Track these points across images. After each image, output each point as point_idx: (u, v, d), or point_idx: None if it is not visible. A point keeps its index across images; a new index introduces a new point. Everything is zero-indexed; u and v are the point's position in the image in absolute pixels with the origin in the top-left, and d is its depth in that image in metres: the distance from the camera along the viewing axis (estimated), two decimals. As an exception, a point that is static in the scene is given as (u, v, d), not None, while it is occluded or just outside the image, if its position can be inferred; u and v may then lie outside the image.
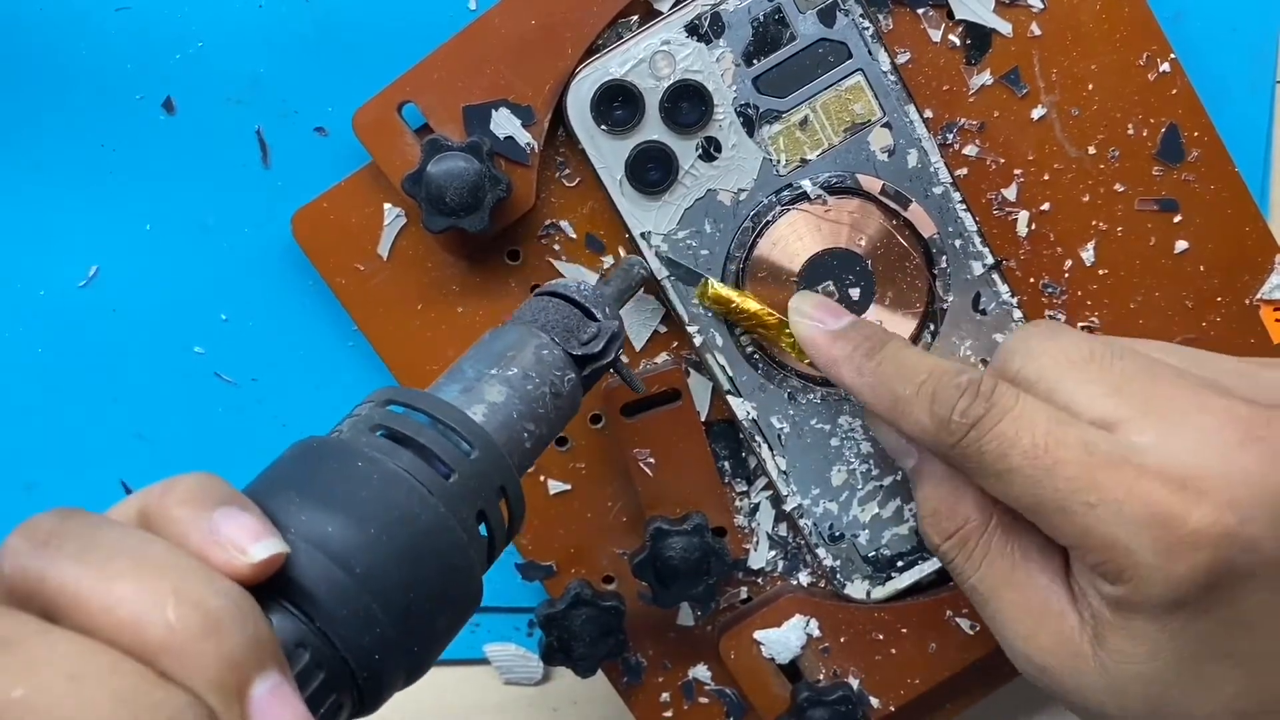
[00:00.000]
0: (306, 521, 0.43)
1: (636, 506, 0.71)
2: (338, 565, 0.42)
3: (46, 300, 0.72)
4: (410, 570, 0.44)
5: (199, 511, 0.41)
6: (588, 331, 0.57)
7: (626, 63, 0.65)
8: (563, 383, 0.54)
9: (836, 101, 0.66)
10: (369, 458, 0.45)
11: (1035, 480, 0.55)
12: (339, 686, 0.43)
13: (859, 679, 0.72)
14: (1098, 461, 0.54)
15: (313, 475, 0.45)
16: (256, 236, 0.72)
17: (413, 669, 0.45)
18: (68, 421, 0.74)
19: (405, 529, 0.44)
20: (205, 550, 0.40)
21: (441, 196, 0.64)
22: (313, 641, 0.42)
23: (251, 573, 0.40)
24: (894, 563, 0.72)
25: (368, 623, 0.42)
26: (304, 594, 0.42)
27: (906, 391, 0.60)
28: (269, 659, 0.39)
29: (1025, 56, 0.68)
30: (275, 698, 0.39)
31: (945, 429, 0.58)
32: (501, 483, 0.49)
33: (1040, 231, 0.69)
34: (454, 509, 0.46)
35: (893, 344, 0.63)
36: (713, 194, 0.67)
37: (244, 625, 0.38)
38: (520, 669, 0.78)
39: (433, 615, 0.45)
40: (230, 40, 0.70)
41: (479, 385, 0.52)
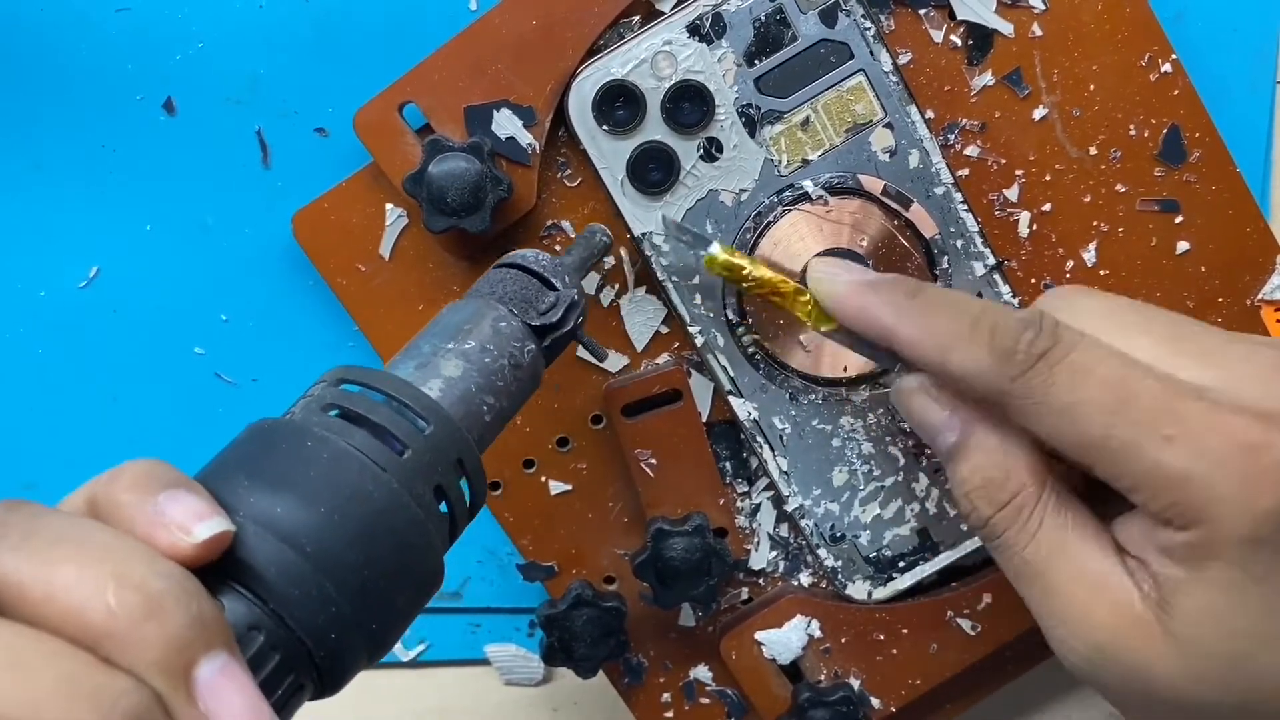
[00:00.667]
0: (255, 503, 0.43)
1: (638, 507, 0.71)
2: (288, 545, 0.42)
3: (47, 301, 0.72)
4: (364, 548, 0.44)
5: (144, 495, 0.41)
6: (546, 301, 0.56)
7: (628, 63, 0.65)
8: (522, 354, 0.54)
9: (838, 102, 0.66)
10: (319, 437, 0.45)
11: (1111, 411, 0.53)
12: (297, 667, 0.42)
13: (860, 679, 0.72)
14: (1177, 394, 0.52)
15: (262, 457, 0.45)
16: (257, 237, 0.72)
17: (374, 647, 0.45)
18: (68, 422, 0.74)
19: (357, 506, 0.44)
20: (150, 533, 0.40)
21: (443, 197, 0.64)
22: (266, 623, 0.42)
23: (196, 553, 0.40)
24: (895, 563, 0.72)
25: (322, 602, 0.42)
26: (255, 576, 0.42)
27: (960, 326, 0.57)
28: (215, 639, 0.39)
29: (1026, 57, 0.68)
30: (223, 678, 0.39)
31: (1009, 360, 0.55)
32: (459, 456, 0.49)
33: (1041, 232, 0.69)
34: (408, 485, 0.46)
35: (933, 287, 0.61)
36: (714, 194, 0.67)
37: (187, 606, 0.38)
38: (521, 670, 0.78)
39: (390, 592, 0.45)
40: (231, 41, 0.69)
41: (435, 360, 0.51)
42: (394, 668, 0.79)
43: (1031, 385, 0.55)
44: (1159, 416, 0.52)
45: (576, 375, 0.70)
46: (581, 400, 0.70)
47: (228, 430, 0.72)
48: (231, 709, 0.38)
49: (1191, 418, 0.52)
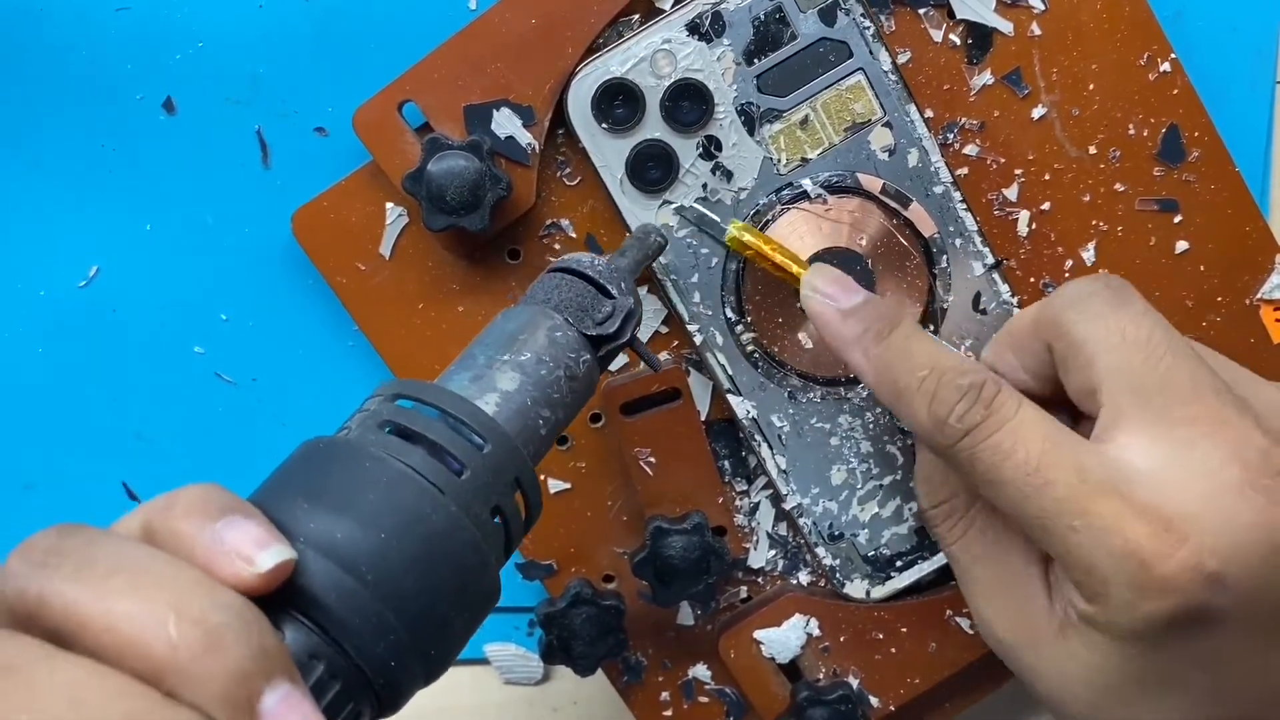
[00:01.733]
0: (314, 528, 0.43)
1: (636, 505, 0.71)
2: (348, 572, 0.42)
3: (46, 300, 0.72)
4: (423, 573, 0.43)
5: (203, 523, 0.41)
6: (602, 310, 0.55)
7: (627, 61, 0.65)
8: (578, 365, 0.53)
9: (837, 100, 0.66)
10: (376, 458, 0.45)
11: (1024, 495, 0.55)
12: (356, 695, 0.42)
13: (859, 678, 0.72)
14: (1088, 489, 0.54)
15: (319, 479, 0.45)
16: (256, 236, 0.72)
17: (430, 671, 0.45)
18: (67, 422, 0.74)
19: (416, 531, 0.44)
20: (210, 562, 0.40)
21: (442, 195, 0.64)
22: (326, 652, 0.41)
23: (260, 583, 0.40)
24: (893, 562, 0.72)
25: (381, 630, 0.42)
26: (315, 603, 0.41)
27: (908, 383, 0.60)
28: (277, 670, 0.39)
29: (1026, 56, 0.68)
30: (286, 708, 0.38)
31: (940, 430, 0.58)
32: (516, 474, 0.48)
33: (1041, 231, 0.70)
34: (466, 507, 0.45)
35: (901, 329, 0.62)
36: (713, 193, 0.67)
37: (248, 638, 0.38)
38: (520, 669, 0.78)
39: (448, 617, 0.44)
40: (230, 40, 0.69)
41: (490, 372, 0.51)
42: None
43: (960, 456, 0.58)
44: (1067, 508, 0.55)
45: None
46: (581, 399, 0.70)
47: (228, 430, 0.73)
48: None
49: (1098, 515, 0.54)
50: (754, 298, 0.68)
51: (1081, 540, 0.54)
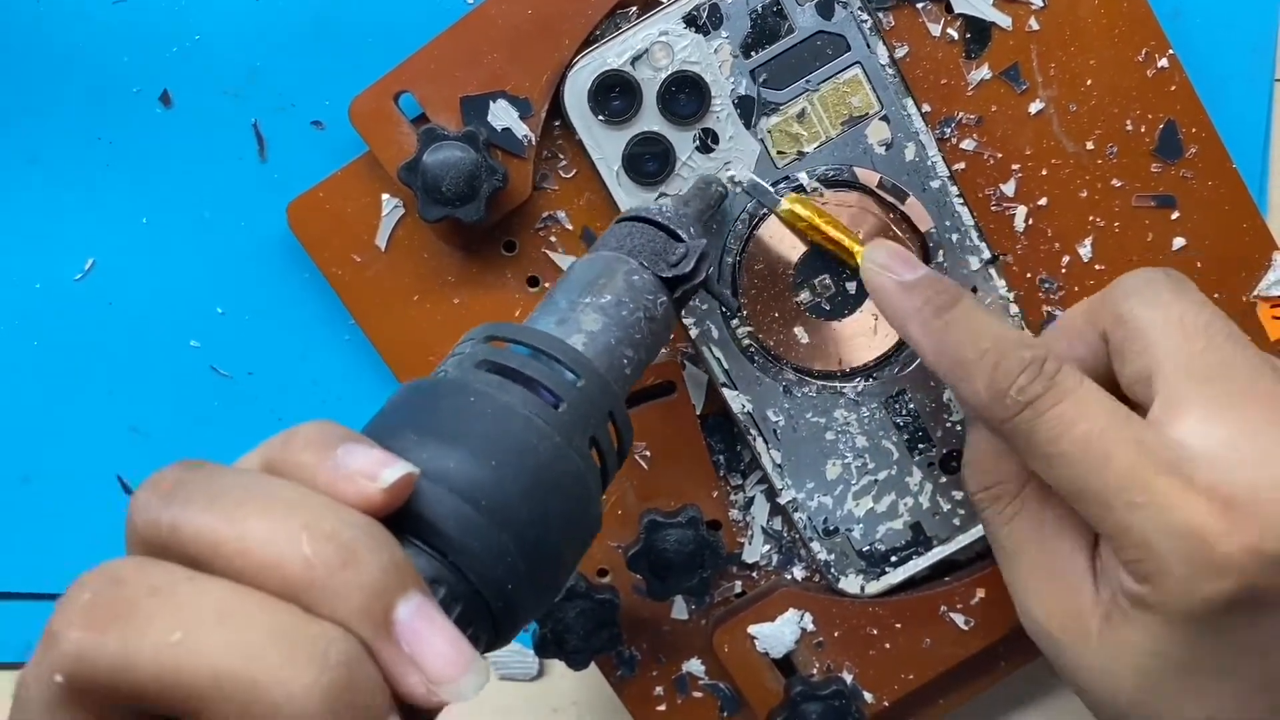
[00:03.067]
0: (428, 459, 0.43)
1: (631, 499, 0.71)
2: (464, 500, 0.42)
3: (42, 293, 0.72)
4: (535, 501, 0.44)
5: (323, 452, 0.42)
6: (676, 253, 0.56)
7: (624, 53, 0.65)
8: (655, 306, 0.54)
9: (834, 94, 0.66)
10: (480, 392, 0.45)
11: (1084, 469, 0.55)
12: (475, 620, 0.43)
13: (853, 674, 0.72)
14: (1149, 465, 0.54)
15: (427, 413, 0.45)
16: (253, 230, 0.72)
17: (543, 598, 0.46)
18: (64, 415, 0.74)
19: (525, 461, 0.44)
20: (334, 486, 0.41)
21: (437, 186, 0.64)
22: (447, 577, 0.42)
23: (384, 499, 0.41)
24: (888, 558, 0.72)
25: (499, 555, 0.43)
26: (433, 530, 0.42)
27: (969, 356, 0.59)
28: (409, 582, 0.39)
29: (1024, 51, 0.68)
30: (421, 619, 0.39)
31: (1000, 402, 0.57)
32: (609, 408, 0.49)
33: (1037, 227, 0.70)
34: (568, 438, 0.46)
35: (964, 303, 0.61)
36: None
37: (379, 552, 0.39)
38: (516, 665, 0.78)
39: (559, 544, 0.45)
40: (227, 33, 0.70)
41: (574, 314, 0.51)
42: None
43: (1017, 429, 0.57)
44: (1129, 483, 0.54)
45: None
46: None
47: (224, 423, 0.73)
48: (433, 647, 0.39)
49: (1158, 491, 0.54)
50: (750, 291, 0.68)
51: (1141, 517, 0.54)
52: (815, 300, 0.68)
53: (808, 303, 0.68)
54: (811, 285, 0.68)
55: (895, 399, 0.70)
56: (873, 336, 0.69)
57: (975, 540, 0.72)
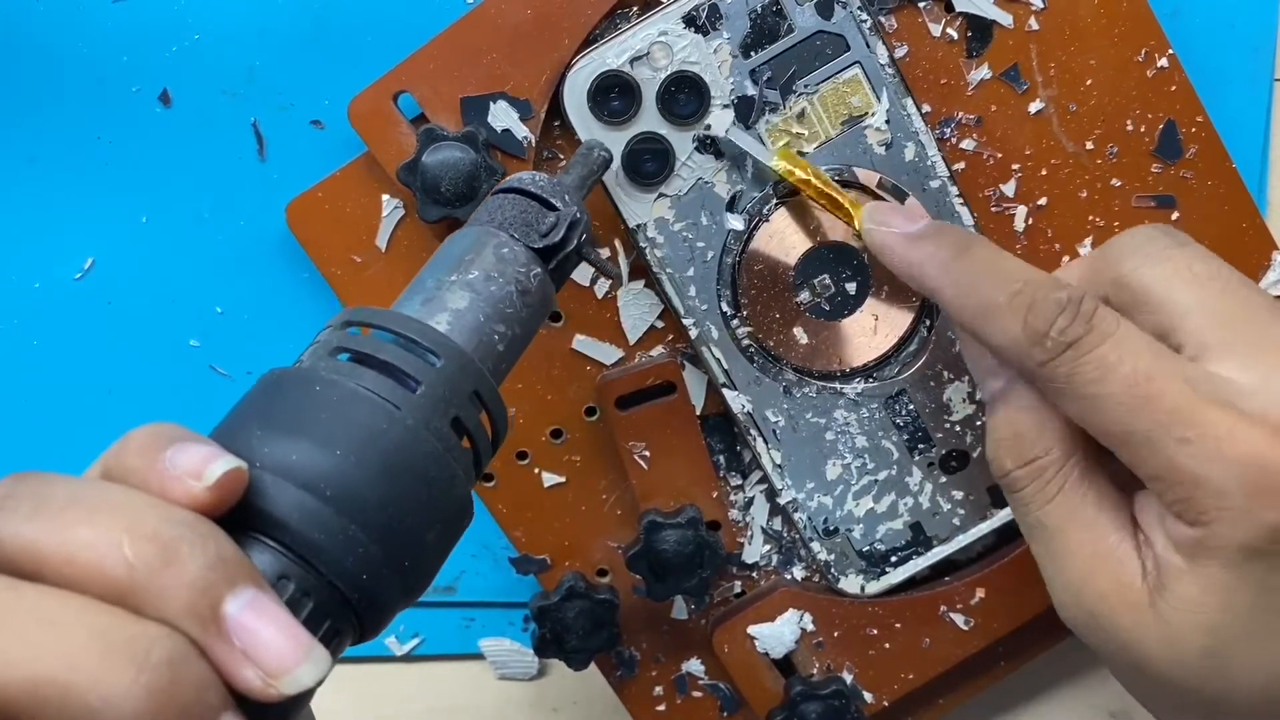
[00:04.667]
0: (270, 453, 0.43)
1: (631, 499, 0.71)
2: (308, 491, 0.42)
3: (42, 293, 0.72)
4: (384, 486, 0.43)
5: (154, 454, 0.41)
6: (546, 222, 0.54)
7: (623, 53, 0.65)
8: (529, 278, 0.52)
9: (834, 94, 0.66)
10: (327, 380, 0.45)
11: (1131, 409, 0.54)
12: (333, 612, 0.42)
13: (852, 673, 0.72)
14: (1198, 400, 0.53)
15: (272, 406, 0.45)
16: (252, 229, 0.72)
17: (409, 586, 0.45)
18: (62, 414, 0.74)
19: (373, 446, 0.44)
20: (163, 487, 0.40)
21: (437, 186, 0.64)
22: (295, 571, 0.42)
23: (211, 496, 0.40)
24: (888, 558, 0.72)
25: (349, 544, 0.42)
26: (277, 524, 0.42)
27: (999, 298, 0.57)
28: (238, 576, 0.39)
29: (1024, 51, 0.67)
30: (252, 611, 0.39)
31: (1039, 344, 0.56)
32: (474, 388, 0.48)
33: (1037, 227, 0.69)
34: (424, 421, 0.45)
35: (981, 244, 0.60)
36: (709, 186, 0.67)
37: (204, 548, 0.39)
38: (515, 664, 0.78)
39: (418, 529, 0.44)
40: (227, 33, 0.70)
41: (440, 294, 0.50)
42: (388, 662, 0.79)
43: (1058, 372, 0.56)
44: (1178, 419, 0.53)
45: (571, 367, 0.70)
46: (575, 392, 0.70)
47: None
48: (265, 639, 0.39)
49: (1210, 423, 0.52)
50: (749, 291, 0.68)
51: (1194, 451, 0.52)
52: (815, 300, 0.68)
53: (807, 303, 0.68)
54: (811, 285, 0.68)
55: (895, 399, 0.70)
56: (873, 337, 0.69)
57: (975, 540, 0.72)
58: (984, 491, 0.71)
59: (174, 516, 0.39)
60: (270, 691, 0.39)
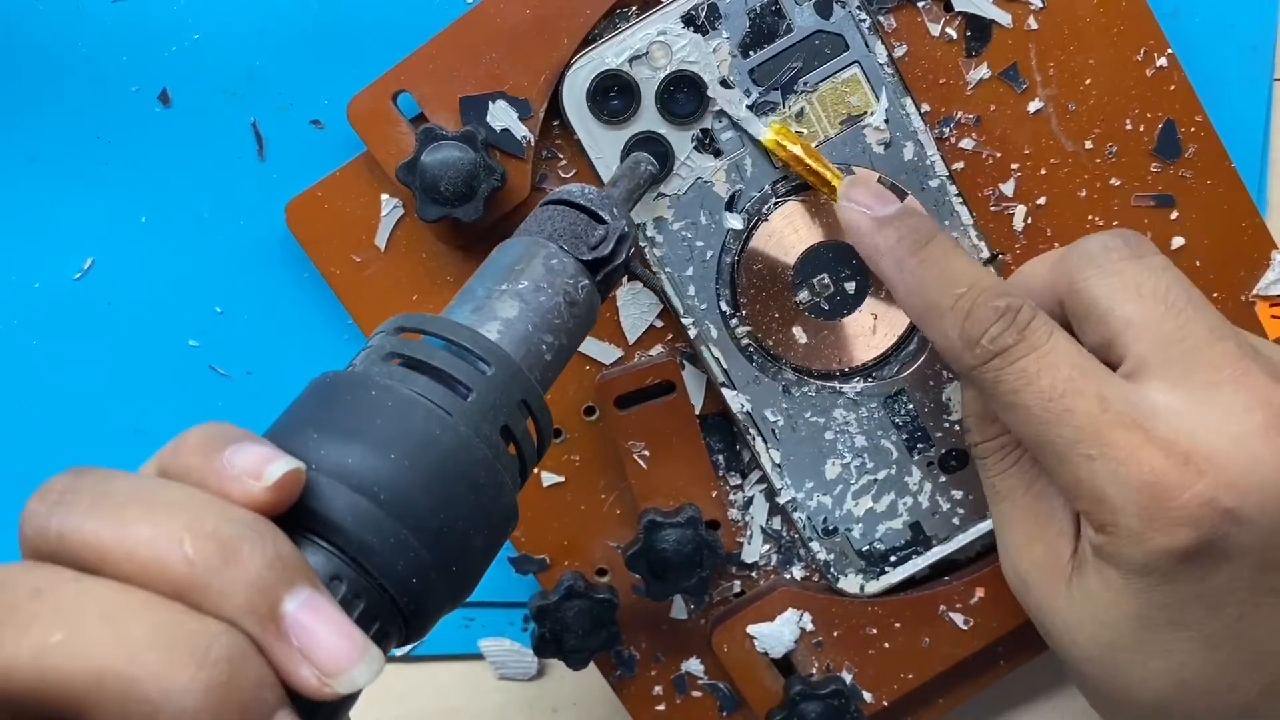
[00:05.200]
0: (325, 455, 0.43)
1: (630, 499, 0.71)
2: (362, 494, 0.42)
3: (41, 293, 0.72)
4: (437, 492, 0.44)
5: (212, 454, 0.42)
6: (596, 235, 0.55)
7: (622, 53, 0.65)
8: (577, 290, 0.53)
9: (833, 93, 0.66)
10: (382, 385, 0.45)
11: (1044, 421, 0.56)
12: (382, 615, 0.43)
13: (852, 673, 0.72)
14: (1108, 419, 0.55)
15: (327, 410, 0.45)
16: (252, 229, 0.72)
17: (456, 590, 0.45)
18: (62, 415, 0.74)
19: (427, 452, 0.44)
20: (222, 487, 0.41)
21: (436, 185, 0.64)
22: (347, 573, 0.42)
23: (270, 497, 0.41)
24: (887, 557, 0.72)
25: (400, 548, 0.43)
26: (332, 526, 0.42)
27: (943, 301, 0.59)
28: (296, 576, 0.40)
29: (1023, 51, 0.67)
30: (309, 611, 0.39)
31: (971, 350, 0.58)
32: (523, 397, 0.49)
33: (1037, 226, 0.69)
34: (475, 427, 0.46)
35: (937, 243, 0.61)
36: (708, 185, 0.67)
37: (263, 548, 0.39)
38: (515, 664, 0.78)
39: (467, 534, 0.45)
40: (226, 32, 0.69)
41: (490, 302, 0.51)
42: (388, 662, 0.78)
43: (985, 378, 0.58)
44: (1086, 436, 0.55)
45: (570, 367, 0.69)
46: (574, 392, 0.70)
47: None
48: (322, 639, 0.39)
49: (1114, 444, 0.55)
50: (749, 291, 0.68)
51: (1095, 469, 0.55)
52: (814, 300, 0.68)
53: (806, 302, 0.68)
54: (810, 285, 0.68)
55: (894, 399, 0.70)
56: (872, 336, 0.69)
57: (975, 540, 0.72)
58: (983, 491, 0.71)
59: (234, 515, 0.40)
60: (325, 691, 0.39)
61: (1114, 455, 0.54)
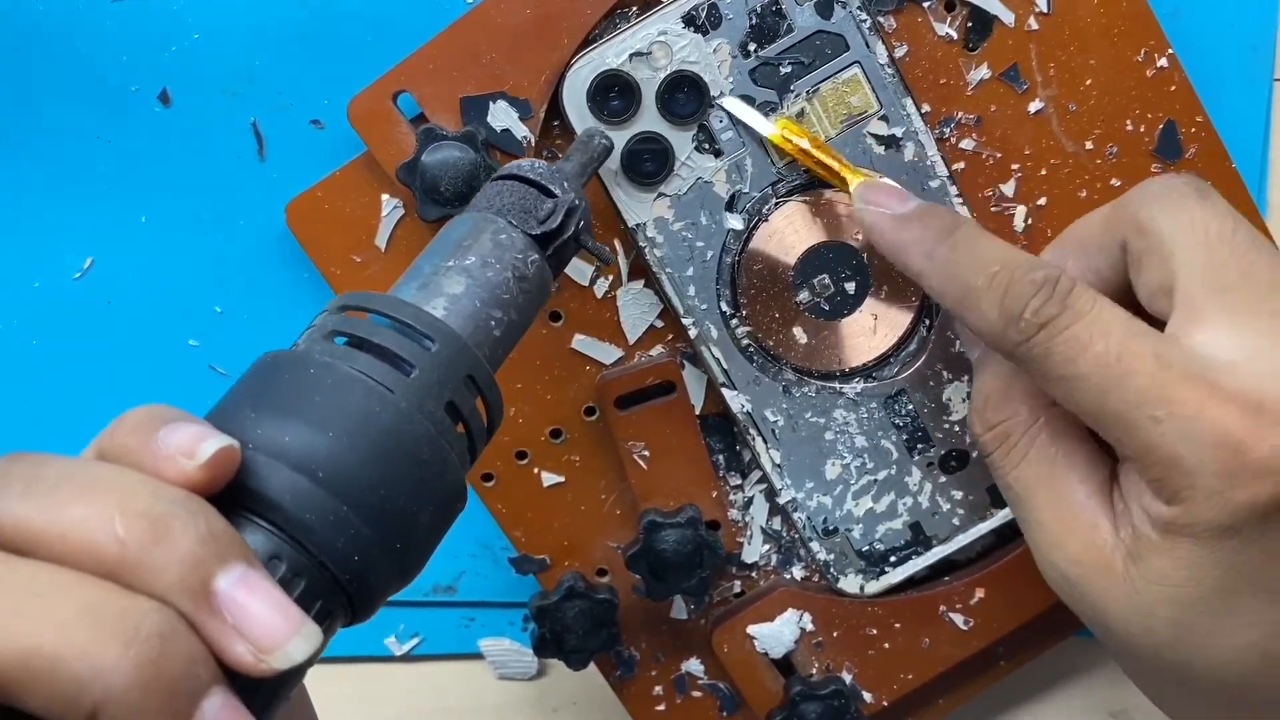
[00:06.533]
0: (263, 434, 0.43)
1: (630, 499, 0.71)
2: (300, 472, 0.42)
3: (41, 293, 0.72)
4: (377, 468, 0.43)
5: (147, 434, 0.41)
6: (544, 208, 0.54)
7: (623, 53, 0.65)
8: (526, 265, 0.52)
9: (833, 94, 0.66)
10: (321, 363, 0.45)
11: (1103, 389, 0.54)
12: (324, 593, 0.42)
13: (852, 673, 0.72)
14: (1171, 376, 0.53)
15: (266, 389, 0.45)
16: (252, 229, 0.72)
17: (402, 568, 0.45)
18: (61, 415, 0.74)
19: (366, 428, 0.44)
20: (156, 467, 0.41)
21: (436, 186, 0.64)
22: (287, 551, 0.42)
23: (203, 475, 0.40)
24: (888, 557, 0.72)
25: (340, 525, 0.42)
26: (270, 505, 0.42)
27: (978, 281, 0.58)
28: (229, 552, 0.39)
29: (1023, 51, 0.67)
30: (243, 587, 0.39)
31: (1014, 325, 0.56)
32: (469, 372, 0.48)
33: (1037, 226, 0.69)
34: (419, 405, 0.45)
35: (965, 228, 0.61)
36: (709, 185, 0.67)
37: (195, 525, 0.39)
38: (515, 664, 0.78)
39: (411, 510, 0.44)
40: (226, 32, 0.70)
41: (436, 279, 0.50)
42: (388, 662, 0.79)
43: (1033, 353, 0.56)
44: (1151, 398, 0.53)
45: (570, 367, 0.70)
46: (575, 392, 0.70)
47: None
48: (256, 615, 0.39)
49: (1182, 402, 0.52)
50: (749, 291, 0.68)
51: (1166, 430, 0.52)
52: (814, 300, 0.68)
53: (807, 303, 0.68)
54: (811, 285, 0.68)
55: (894, 399, 0.70)
56: (872, 336, 0.69)
57: (975, 540, 0.72)
58: (983, 491, 0.71)
59: (165, 494, 0.39)
60: (261, 667, 0.39)
61: (1182, 413, 0.52)
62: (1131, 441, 0.54)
